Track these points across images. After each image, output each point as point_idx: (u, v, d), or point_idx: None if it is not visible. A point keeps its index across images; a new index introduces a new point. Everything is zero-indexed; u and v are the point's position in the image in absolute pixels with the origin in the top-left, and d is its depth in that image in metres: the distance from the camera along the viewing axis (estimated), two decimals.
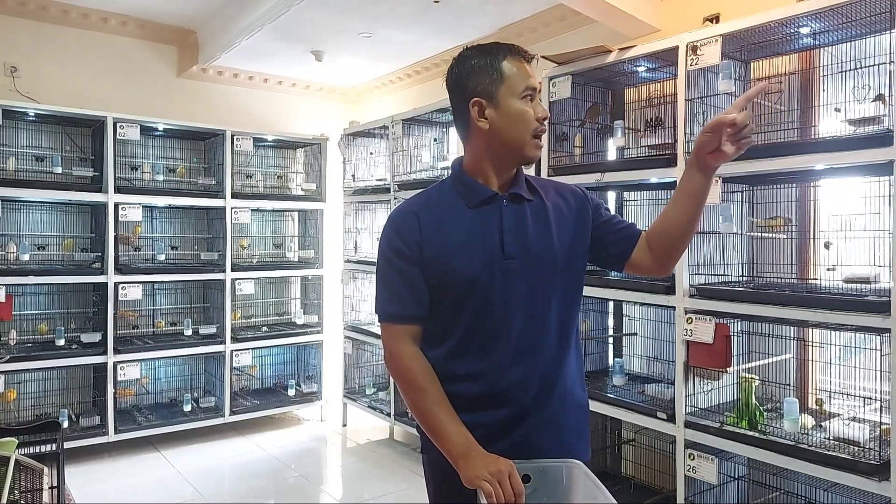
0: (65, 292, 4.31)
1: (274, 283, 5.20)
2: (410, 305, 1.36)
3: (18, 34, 4.29)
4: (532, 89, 1.35)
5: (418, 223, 1.37)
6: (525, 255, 1.35)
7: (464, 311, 1.35)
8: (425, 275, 1.35)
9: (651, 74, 3.06)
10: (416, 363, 1.35)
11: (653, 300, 2.81)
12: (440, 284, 1.35)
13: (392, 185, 4.29)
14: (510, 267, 1.34)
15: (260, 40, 4.30)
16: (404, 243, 1.36)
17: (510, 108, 1.34)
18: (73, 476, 3.54)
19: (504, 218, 1.36)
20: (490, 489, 1.19)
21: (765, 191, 2.77)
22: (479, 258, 1.33)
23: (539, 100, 1.39)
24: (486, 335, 1.35)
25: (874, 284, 2.28)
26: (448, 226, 1.36)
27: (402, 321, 1.37)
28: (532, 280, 1.35)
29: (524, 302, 1.35)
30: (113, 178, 4.10)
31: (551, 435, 1.38)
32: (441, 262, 1.34)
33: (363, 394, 4.72)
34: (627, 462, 3.36)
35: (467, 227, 1.36)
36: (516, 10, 4.01)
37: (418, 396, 1.34)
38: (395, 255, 1.37)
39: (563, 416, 1.40)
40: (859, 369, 2.43)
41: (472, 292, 1.33)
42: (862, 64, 2.39)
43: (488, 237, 1.35)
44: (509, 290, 1.34)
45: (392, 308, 1.38)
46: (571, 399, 1.42)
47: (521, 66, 1.36)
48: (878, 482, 2.05)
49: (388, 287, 1.39)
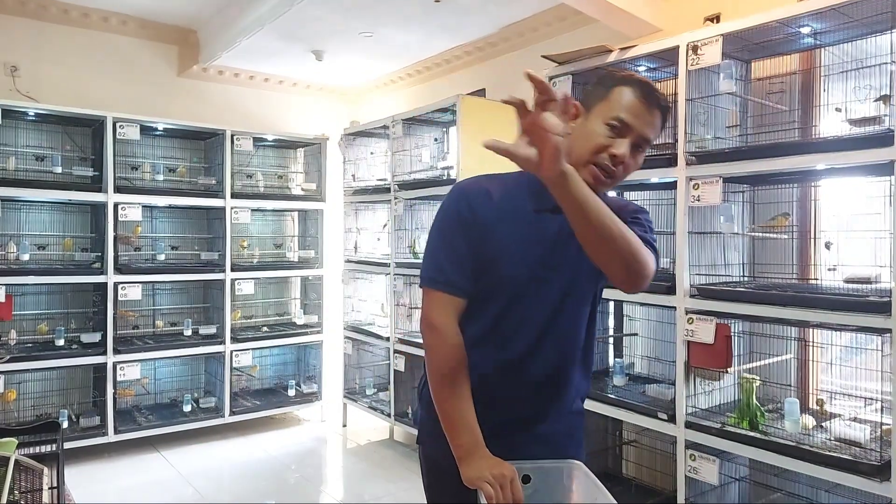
0: (65, 292, 4.31)
1: (274, 283, 5.20)
2: (468, 276, 1.32)
3: (19, 33, 4.29)
4: (621, 122, 1.26)
5: (490, 202, 1.33)
6: (561, 271, 1.34)
7: (491, 305, 1.34)
8: (478, 255, 1.32)
9: (652, 74, 3.05)
10: (457, 347, 1.31)
11: (654, 300, 2.81)
12: (483, 271, 1.33)
13: (392, 185, 4.29)
14: (545, 277, 1.33)
15: (260, 40, 4.30)
16: (476, 216, 1.32)
17: (589, 124, 1.30)
18: (73, 476, 3.53)
19: (562, 230, 1.30)
20: (491, 491, 1.18)
21: (766, 191, 2.76)
22: (522, 261, 1.32)
23: (628, 140, 1.27)
24: (504, 334, 1.35)
25: (875, 285, 2.28)
26: (510, 220, 1.33)
27: (457, 292, 1.33)
28: (563, 294, 1.34)
29: (546, 314, 1.34)
30: (113, 178, 4.10)
31: (541, 450, 1.37)
32: (493, 251, 1.32)
33: (363, 394, 4.71)
34: (628, 463, 3.36)
35: (526, 228, 1.33)
36: (517, 10, 4.01)
37: (446, 381, 1.30)
38: (466, 225, 1.32)
39: (558, 431, 1.41)
40: (860, 370, 2.43)
41: (503, 290, 1.33)
42: (863, 64, 2.38)
43: (537, 245, 1.33)
44: (538, 299, 1.33)
45: (452, 274, 1.32)
46: (570, 414, 1.43)
47: (632, 100, 1.28)
48: (880, 483, 2.05)
49: (452, 253, 1.32)
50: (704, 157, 2.58)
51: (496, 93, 4.47)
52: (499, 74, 4.59)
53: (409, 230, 4.37)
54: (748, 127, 2.75)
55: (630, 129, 1.27)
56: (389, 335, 4.30)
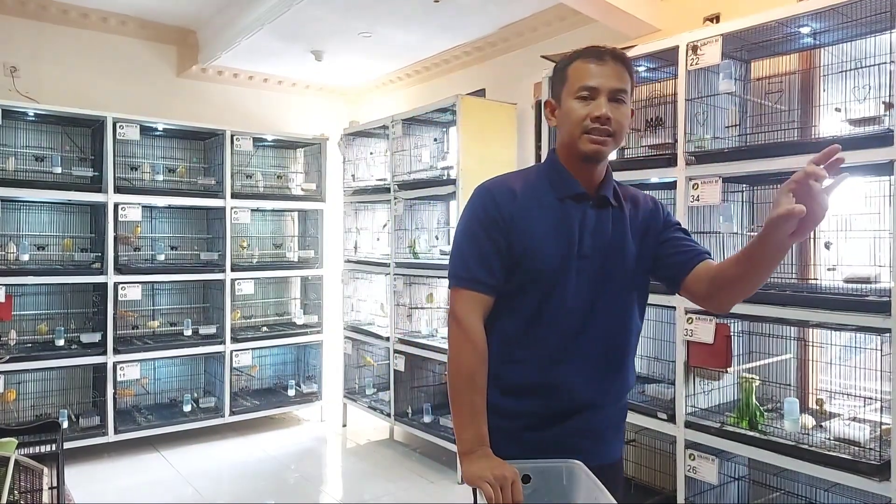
0: (64, 292, 4.31)
1: (274, 283, 5.20)
2: (496, 274, 1.35)
3: (18, 34, 4.29)
4: (587, 88, 1.32)
5: (516, 198, 1.37)
6: (599, 257, 1.36)
7: (529, 297, 1.36)
8: (508, 251, 1.35)
9: (651, 74, 3.06)
10: (479, 344, 1.34)
11: (653, 300, 2.78)
12: (516, 265, 1.35)
13: (392, 185, 4.29)
14: (583, 266, 1.35)
15: (260, 40, 4.30)
16: (501, 214, 1.36)
17: (564, 107, 1.37)
18: (73, 476, 3.53)
19: (587, 217, 1.37)
20: (491, 491, 1.19)
21: (765, 191, 2.76)
22: (556, 251, 1.35)
23: (602, 99, 1.32)
24: (546, 326, 1.36)
25: (874, 284, 2.28)
26: (536, 212, 1.37)
27: (484, 290, 1.36)
28: (601, 282, 1.36)
29: (589, 302, 1.36)
30: (113, 178, 4.10)
31: (590, 441, 1.40)
32: (522, 245, 1.35)
33: (363, 394, 4.71)
34: (628, 462, 3.35)
35: (552, 218, 1.37)
36: (517, 10, 4.01)
37: (463, 373, 1.33)
38: (490, 223, 1.36)
39: (605, 423, 1.43)
40: (860, 369, 2.43)
41: (540, 280, 1.35)
42: (862, 64, 2.39)
43: (569, 232, 1.36)
44: (578, 287, 1.35)
45: (478, 273, 1.35)
46: (615, 407, 1.45)
47: (585, 66, 1.34)
48: (879, 482, 2.05)
49: (478, 251, 1.36)
50: (704, 157, 2.58)
51: (496, 93, 4.47)
52: (498, 74, 4.59)
53: (409, 230, 4.37)
54: (747, 127, 2.75)
55: (597, 90, 1.33)
56: (389, 335, 4.30)
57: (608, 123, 1.32)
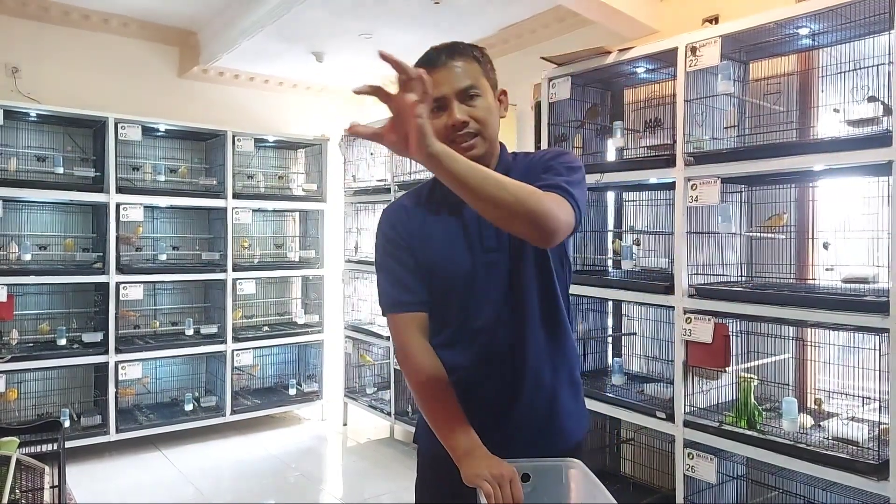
0: (66, 292, 4.32)
1: (275, 282, 5.21)
2: (414, 290, 1.36)
3: (20, 35, 4.30)
4: (435, 101, 1.25)
5: (408, 216, 1.40)
6: (504, 246, 1.35)
7: (450, 304, 1.37)
8: (417, 267, 1.37)
9: (650, 75, 3.07)
10: (427, 359, 1.34)
11: (652, 300, 2.82)
12: (430, 275, 1.37)
13: (392, 185, 4.30)
14: (491, 260, 1.35)
15: (261, 41, 4.31)
16: (398, 234, 1.39)
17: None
18: (75, 475, 3.54)
19: None
20: (490, 490, 1.19)
21: (763, 191, 2.77)
22: (460, 253, 1.35)
23: (454, 104, 1.30)
24: (473, 328, 1.36)
25: (873, 284, 2.29)
26: (432, 220, 1.39)
27: (408, 308, 1.37)
28: (514, 270, 1.36)
29: (507, 294, 1.36)
30: (114, 179, 4.12)
31: (538, 429, 1.39)
32: (426, 256, 1.36)
33: (364, 393, 4.73)
34: (626, 461, 3.37)
35: (450, 221, 1.38)
36: (516, 12, 4.02)
37: (427, 394, 1.34)
38: (392, 246, 1.39)
39: (547, 408, 1.40)
40: (858, 369, 2.43)
41: (455, 286, 1.36)
42: (861, 65, 2.39)
43: (468, 231, 1.36)
44: (491, 282, 1.35)
45: (397, 294, 1.37)
46: (559, 392, 1.42)
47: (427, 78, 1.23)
48: (877, 482, 2.06)
49: (390, 276, 1.39)
50: (702, 158, 2.59)
51: None
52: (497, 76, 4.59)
53: None
54: (746, 128, 2.76)
55: (444, 98, 1.30)
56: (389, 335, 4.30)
57: (467, 126, 1.31)
